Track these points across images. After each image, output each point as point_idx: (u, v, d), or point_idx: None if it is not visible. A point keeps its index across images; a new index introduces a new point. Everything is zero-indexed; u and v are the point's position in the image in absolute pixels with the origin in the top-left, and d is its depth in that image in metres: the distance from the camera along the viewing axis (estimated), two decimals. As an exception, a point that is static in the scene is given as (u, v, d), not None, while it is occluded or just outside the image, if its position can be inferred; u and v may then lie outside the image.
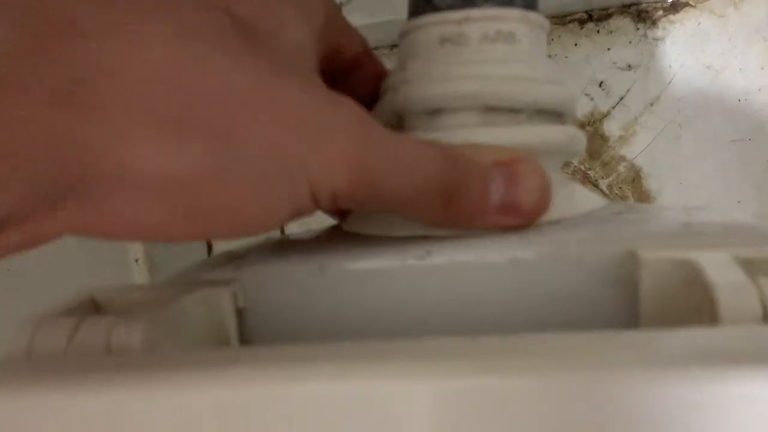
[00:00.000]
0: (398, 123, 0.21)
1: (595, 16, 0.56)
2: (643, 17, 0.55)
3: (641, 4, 0.55)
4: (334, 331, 0.18)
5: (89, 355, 0.15)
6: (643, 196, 0.56)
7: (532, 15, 0.21)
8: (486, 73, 0.20)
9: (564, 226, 0.19)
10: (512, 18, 0.20)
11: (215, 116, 0.14)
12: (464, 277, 0.18)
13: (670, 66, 0.54)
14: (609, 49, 0.55)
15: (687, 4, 0.54)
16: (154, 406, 0.12)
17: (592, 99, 0.56)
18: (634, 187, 0.56)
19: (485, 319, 0.17)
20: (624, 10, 0.55)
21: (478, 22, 0.20)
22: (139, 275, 0.53)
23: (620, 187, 0.56)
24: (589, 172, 0.57)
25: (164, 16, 0.14)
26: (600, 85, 0.56)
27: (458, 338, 0.13)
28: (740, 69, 0.53)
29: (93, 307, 0.18)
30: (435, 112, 0.20)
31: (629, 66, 0.55)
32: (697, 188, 0.54)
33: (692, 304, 0.15)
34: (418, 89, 0.20)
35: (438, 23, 0.21)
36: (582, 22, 0.56)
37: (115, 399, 0.12)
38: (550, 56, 0.54)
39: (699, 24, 0.54)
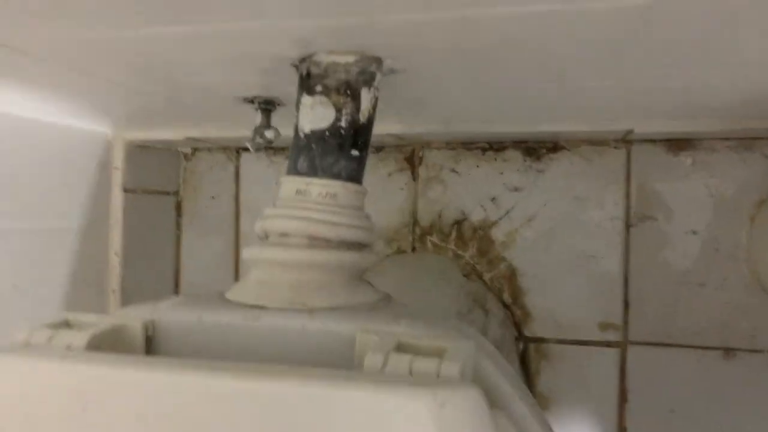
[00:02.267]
0: (265, 237, 0.36)
1: (495, 147, 0.71)
2: (530, 152, 0.71)
3: (529, 141, 0.70)
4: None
5: (57, 348, 0.29)
6: (516, 290, 0.70)
7: (351, 185, 0.36)
8: (313, 218, 0.35)
9: (340, 311, 0.33)
10: (336, 185, 0.35)
11: None
12: (273, 333, 0.32)
13: (546, 192, 0.70)
14: (502, 173, 0.71)
15: (564, 148, 0.70)
16: (80, 373, 0.26)
17: (485, 210, 0.71)
18: (510, 282, 0.70)
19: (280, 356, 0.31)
20: (517, 144, 0.71)
21: (316, 185, 0.35)
22: (114, 303, 0.67)
23: (499, 281, 0.71)
24: (477, 265, 0.71)
25: None
26: (492, 200, 0.71)
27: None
28: (599, 202, 0.68)
29: (66, 323, 0.32)
30: (282, 234, 0.35)
31: (516, 188, 0.70)
32: (556, 289, 0.69)
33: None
34: (277, 221, 0.35)
35: (295, 181, 0.36)
36: (484, 150, 0.72)
37: (65, 368, 0.26)
38: (456, 172, 0.69)
39: (571, 163, 0.69)
